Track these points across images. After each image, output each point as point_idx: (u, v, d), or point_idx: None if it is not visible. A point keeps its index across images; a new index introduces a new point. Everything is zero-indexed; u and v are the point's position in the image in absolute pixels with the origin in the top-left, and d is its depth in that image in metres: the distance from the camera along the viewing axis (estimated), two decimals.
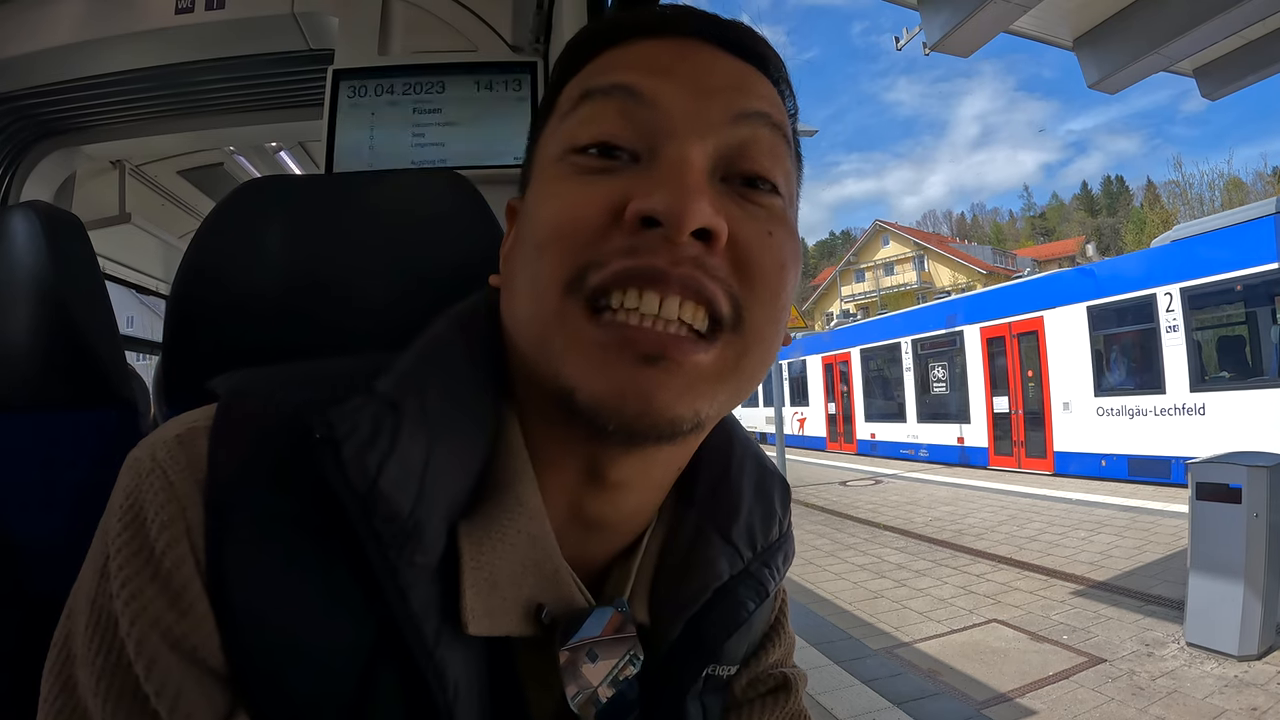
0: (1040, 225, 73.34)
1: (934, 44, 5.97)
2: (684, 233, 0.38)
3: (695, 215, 0.38)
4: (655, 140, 0.42)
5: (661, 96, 0.42)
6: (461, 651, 0.41)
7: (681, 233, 0.38)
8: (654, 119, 0.42)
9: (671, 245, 0.39)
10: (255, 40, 2.07)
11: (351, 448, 0.38)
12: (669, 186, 0.39)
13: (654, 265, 0.39)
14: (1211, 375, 9.58)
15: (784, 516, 0.58)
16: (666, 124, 0.42)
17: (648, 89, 0.42)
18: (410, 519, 0.39)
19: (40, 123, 2.54)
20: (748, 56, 0.47)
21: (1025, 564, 6.53)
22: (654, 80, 0.43)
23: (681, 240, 0.39)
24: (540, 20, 1.75)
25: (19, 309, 0.82)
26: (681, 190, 0.39)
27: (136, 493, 0.39)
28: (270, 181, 0.76)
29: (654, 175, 0.40)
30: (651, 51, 0.45)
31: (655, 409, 0.39)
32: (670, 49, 0.45)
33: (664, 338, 0.39)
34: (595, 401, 0.39)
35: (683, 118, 0.42)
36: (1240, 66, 6.22)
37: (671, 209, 0.38)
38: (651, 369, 0.39)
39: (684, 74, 0.43)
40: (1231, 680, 3.73)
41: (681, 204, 0.38)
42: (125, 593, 0.37)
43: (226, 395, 0.44)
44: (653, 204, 0.39)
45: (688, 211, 0.38)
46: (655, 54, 0.45)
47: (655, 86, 0.42)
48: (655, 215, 0.38)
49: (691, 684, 0.52)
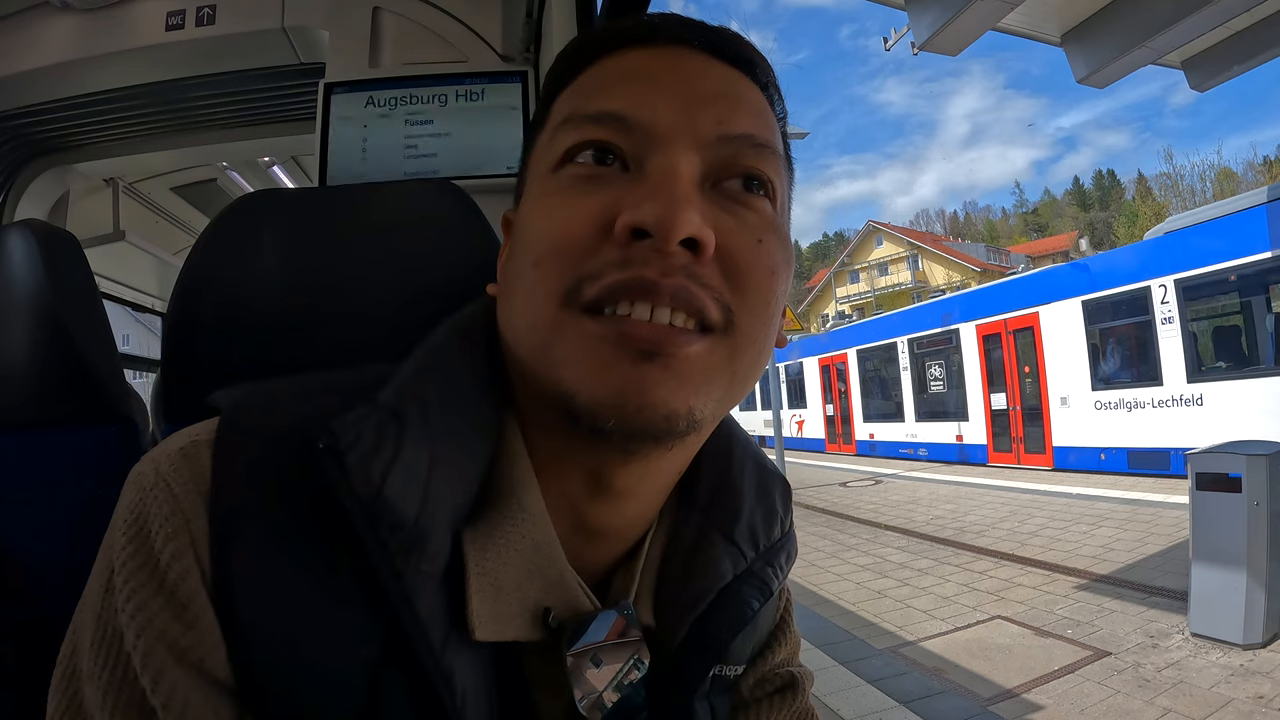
0: (1033, 221, 73.46)
1: (922, 43, 5.99)
2: (672, 243, 0.39)
3: (683, 225, 0.39)
4: (645, 150, 0.43)
5: (651, 112, 0.43)
6: (469, 657, 0.41)
7: (670, 243, 0.39)
8: (643, 132, 0.43)
9: (662, 256, 0.39)
10: (246, 55, 2.07)
11: (355, 457, 0.38)
12: (657, 197, 0.40)
13: (645, 277, 0.39)
14: (1208, 366, 9.61)
15: (785, 516, 0.58)
16: (656, 135, 0.43)
17: (637, 116, 0.43)
18: (415, 526, 0.39)
19: (33, 142, 2.54)
20: (735, 63, 0.47)
21: (1027, 560, 6.53)
22: (643, 97, 0.43)
23: (670, 250, 0.39)
24: (530, 29, 1.76)
25: (16, 328, 0.82)
26: (670, 201, 0.39)
27: (141, 506, 0.39)
28: (264, 196, 0.76)
29: (643, 186, 0.41)
30: (641, 61, 0.46)
31: (653, 404, 0.39)
32: (659, 58, 0.46)
33: (659, 330, 0.39)
34: (595, 402, 0.39)
35: (672, 129, 0.43)
36: (1228, 57, 6.26)
37: (660, 220, 0.39)
38: (648, 365, 0.39)
39: (673, 84, 0.44)
40: (1237, 669, 3.73)
41: (670, 215, 0.39)
42: (131, 606, 0.37)
43: (229, 409, 0.44)
44: (642, 216, 0.39)
45: (676, 222, 0.39)
46: (644, 64, 0.46)
47: (644, 108, 0.43)
48: (645, 226, 0.39)
49: (698, 684, 0.52)
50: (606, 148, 0.43)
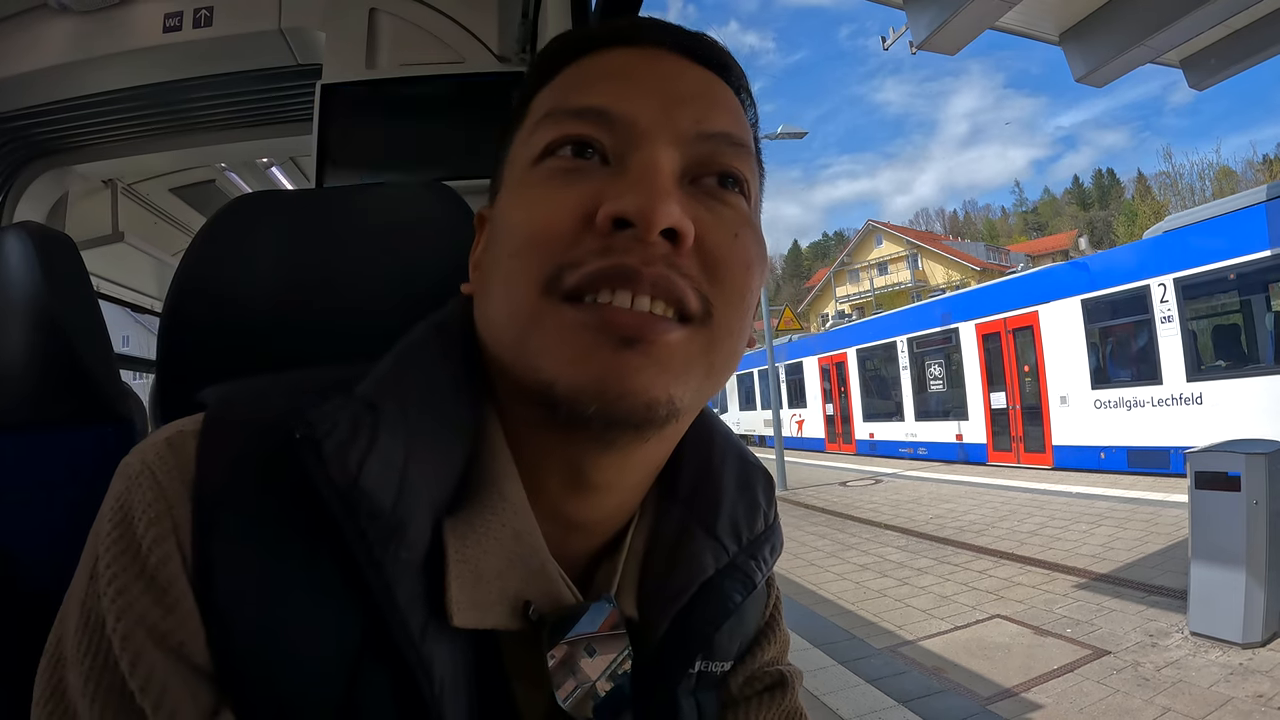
0: (1033, 220, 73.44)
1: (920, 42, 6.00)
2: (653, 232, 0.40)
3: (664, 216, 0.40)
4: (625, 146, 0.44)
5: (632, 107, 0.44)
6: (448, 646, 0.41)
7: (651, 232, 0.40)
8: (624, 126, 0.44)
9: (643, 245, 0.40)
10: (243, 56, 2.08)
11: (332, 446, 0.39)
12: (639, 189, 0.41)
13: (626, 264, 0.40)
14: (1207, 365, 9.61)
15: (769, 509, 0.58)
16: (636, 130, 0.44)
17: (618, 111, 0.44)
18: (393, 514, 0.39)
19: (32, 143, 2.55)
20: (712, 66, 0.49)
21: (1027, 559, 6.53)
22: (624, 93, 0.45)
23: (652, 239, 0.40)
24: (526, 30, 1.76)
25: (13, 329, 0.82)
26: (651, 192, 0.40)
27: (126, 495, 0.40)
28: (261, 197, 0.76)
29: (624, 179, 0.42)
30: (622, 60, 0.47)
31: (633, 391, 0.40)
32: (640, 58, 0.47)
33: (640, 317, 0.40)
34: (574, 390, 0.40)
35: (653, 125, 0.44)
36: (1227, 56, 6.26)
37: (642, 210, 0.40)
38: (629, 352, 0.40)
39: (654, 83, 0.45)
40: (1236, 668, 3.74)
41: (651, 205, 0.40)
42: (111, 590, 0.37)
43: (215, 402, 0.45)
44: (624, 205, 0.40)
45: (657, 212, 0.40)
46: (625, 62, 0.47)
47: (626, 103, 0.44)
48: (626, 216, 0.40)
49: (682, 677, 0.52)
50: (587, 142, 0.44)
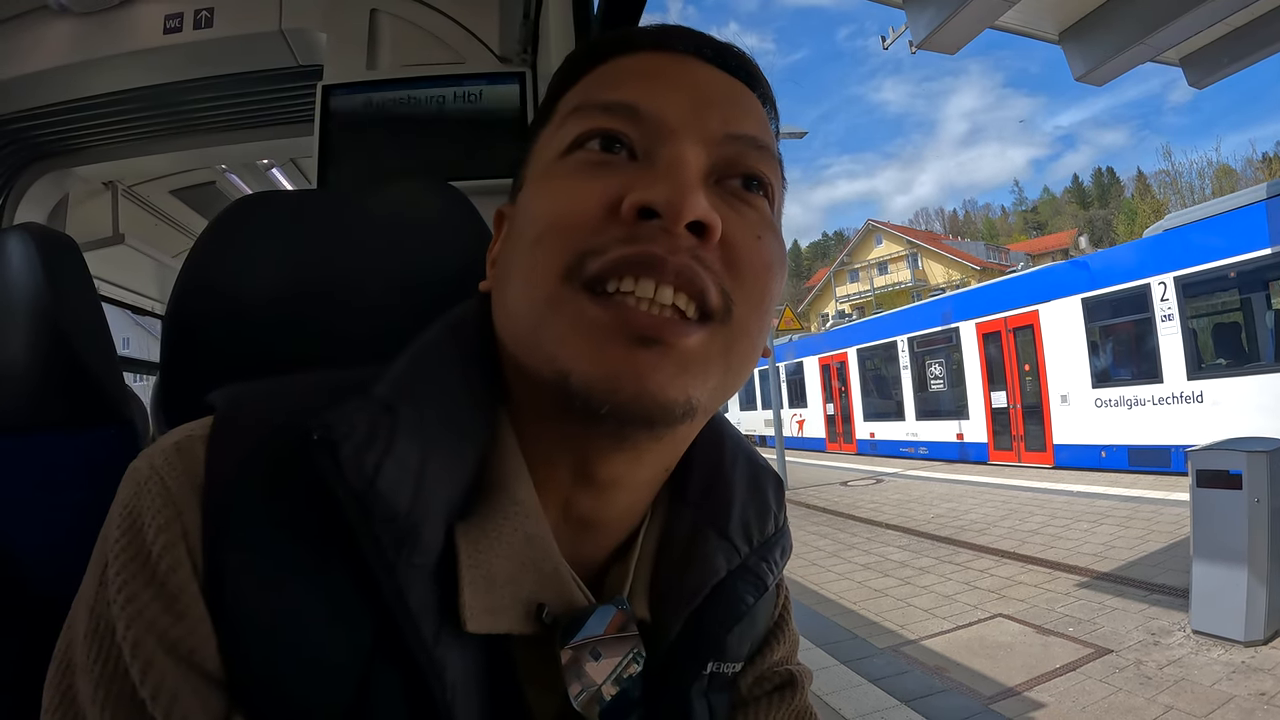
0: (1032, 219, 73.42)
1: (920, 42, 6.01)
2: (680, 223, 0.40)
3: (692, 207, 0.40)
4: (653, 142, 0.44)
5: (662, 105, 0.44)
6: (460, 651, 0.41)
7: (678, 223, 0.40)
8: (653, 123, 0.44)
9: (669, 235, 0.40)
10: (244, 58, 2.08)
11: (349, 448, 0.39)
12: (667, 180, 0.41)
13: (652, 252, 0.40)
14: (1208, 363, 9.60)
15: (779, 511, 0.58)
16: (665, 127, 0.44)
17: (648, 108, 0.44)
18: (408, 519, 0.39)
19: (32, 145, 2.54)
20: (739, 75, 0.49)
21: (1029, 558, 6.53)
22: (654, 91, 0.45)
23: (678, 231, 0.40)
24: (527, 31, 1.76)
25: (15, 331, 0.82)
26: (679, 184, 0.41)
27: (135, 500, 0.40)
28: (262, 198, 0.76)
29: (652, 172, 0.42)
30: (652, 62, 0.48)
31: (649, 391, 0.39)
32: (670, 61, 0.48)
33: (659, 320, 0.40)
34: (590, 383, 0.39)
35: (681, 123, 0.44)
36: (1226, 54, 6.26)
37: (670, 200, 0.40)
38: (646, 351, 0.40)
39: (683, 84, 0.46)
40: (1239, 666, 3.74)
41: (680, 195, 0.40)
42: (121, 597, 0.37)
43: (224, 405, 0.44)
44: (652, 195, 0.40)
45: (685, 203, 0.40)
46: (656, 64, 0.48)
47: (656, 101, 0.45)
48: (654, 206, 0.40)
49: (694, 679, 0.52)
50: (615, 137, 0.44)
